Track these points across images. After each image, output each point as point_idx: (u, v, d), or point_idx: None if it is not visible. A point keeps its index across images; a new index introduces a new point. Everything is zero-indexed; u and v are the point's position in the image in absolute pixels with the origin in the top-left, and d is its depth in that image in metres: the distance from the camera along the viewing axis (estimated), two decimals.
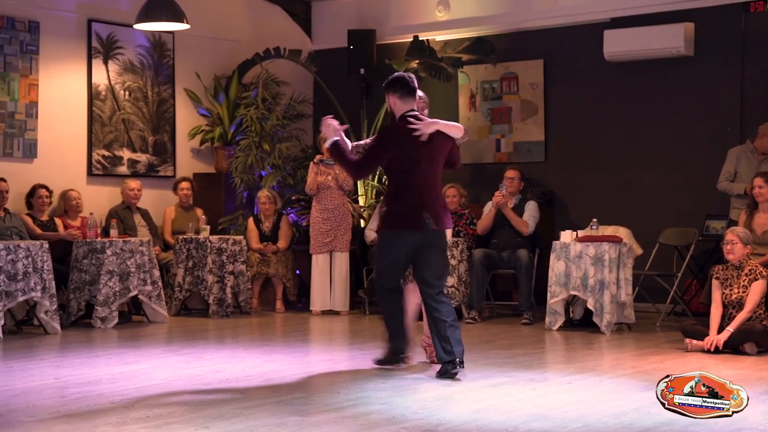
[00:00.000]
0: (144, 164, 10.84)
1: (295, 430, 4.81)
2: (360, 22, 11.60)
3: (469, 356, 7.15)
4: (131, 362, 7.06)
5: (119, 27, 10.51)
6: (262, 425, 4.89)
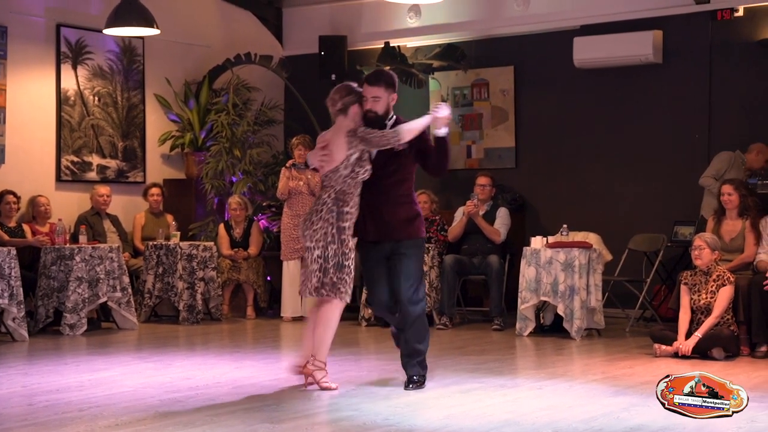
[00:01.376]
0: (113, 170, 10.78)
1: None
2: (331, 28, 11.61)
3: (441, 362, 7.19)
4: (100, 369, 7.02)
5: (88, 32, 10.46)
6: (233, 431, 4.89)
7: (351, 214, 5.99)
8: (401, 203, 6.12)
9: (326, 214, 5.94)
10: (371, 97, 6.05)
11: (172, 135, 11.30)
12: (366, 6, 11.53)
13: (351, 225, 6.00)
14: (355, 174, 5.95)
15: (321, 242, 5.94)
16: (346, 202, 5.96)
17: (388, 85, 6.10)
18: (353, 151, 5.94)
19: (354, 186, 5.98)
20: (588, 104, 10.44)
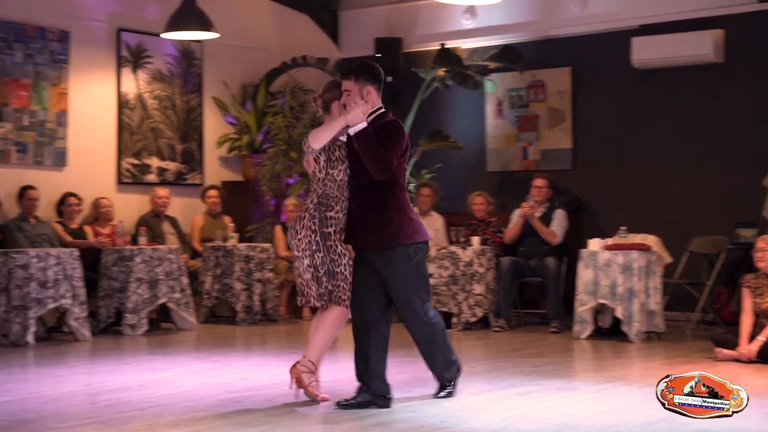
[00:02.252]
0: (172, 172, 10.89)
1: None
2: (387, 31, 11.61)
3: (498, 365, 7.16)
4: (160, 369, 7.09)
5: (148, 36, 10.58)
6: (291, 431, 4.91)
7: (336, 219, 5.58)
8: (375, 208, 5.57)
9: (308, 221, 5.55)
10: (344, 91, 5.61)
11: (229, 137, 11.39)
12: (421, 8, 11.51)
13: (339, 230, 5.59)
14: (332, 177, 5.60)
15: (307, 251, 5.54)
16: (330, 207, 5.57)
17: (359, 76, 5.58)
18: (319, 153, 5.60)
19: (337, 189, 5.59)
20: (647, 105, 10.32)
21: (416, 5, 11.55)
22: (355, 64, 5.72)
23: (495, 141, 11.25)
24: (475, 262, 9.36)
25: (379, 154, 5.42)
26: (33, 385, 6.40)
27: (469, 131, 11.28)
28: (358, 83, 5.56)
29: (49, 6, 9.88)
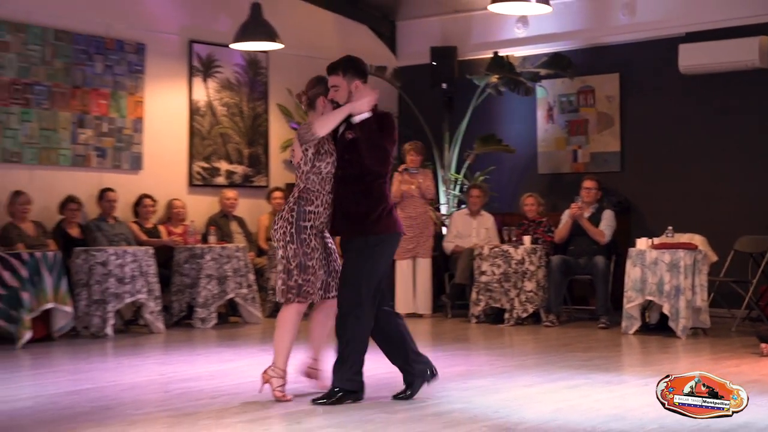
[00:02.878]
0: (240, 175, 10.98)
1: (382, 426, 4.83)
2: (442, 40, 11.60)
3: (548, 358, 7.12)
4: (229, 360, 7.16)
5: (218, 47, 10.68)
6: (352, 421, 4.92)
7: (315, 213, 5.40)
8: (361, 198, 5.40)
9: (287, 213, 5.42)
10: (331, 86, 5.44)
11: (293, 142, 11.42)
12: (475, 18, 11.48)
13: (316, 225, 5.41)
14: (318, 169, 5.41)
15: (281, 242, 5.42)
16: (310, 201, 5.40)
17: (346, 71, 5.42)
18: (306, 147, 5.42)
19: (320, 183, 5.41)
20: (693, 109, 10.19)
21: (470, 15, 11.52)
22: (341, 60, 5.53)
23: (546, 144, 11.18)
24: (526, 261, 9.32)
25: (380, 144, 5.36)
26: (112, 374, 6.50)
27: (521, 135, 11.23)
28: (347, 78, 5.41)
29: (127, 20, 10.02)
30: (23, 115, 9.28)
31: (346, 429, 4.76)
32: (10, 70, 9.18)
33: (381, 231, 5.41)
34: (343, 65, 5.45)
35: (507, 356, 7.36)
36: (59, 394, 5.73)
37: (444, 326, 9.42)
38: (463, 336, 8.73)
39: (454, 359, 7.13)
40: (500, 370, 6.58)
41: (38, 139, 9.36)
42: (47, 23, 9.41)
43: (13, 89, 9.19)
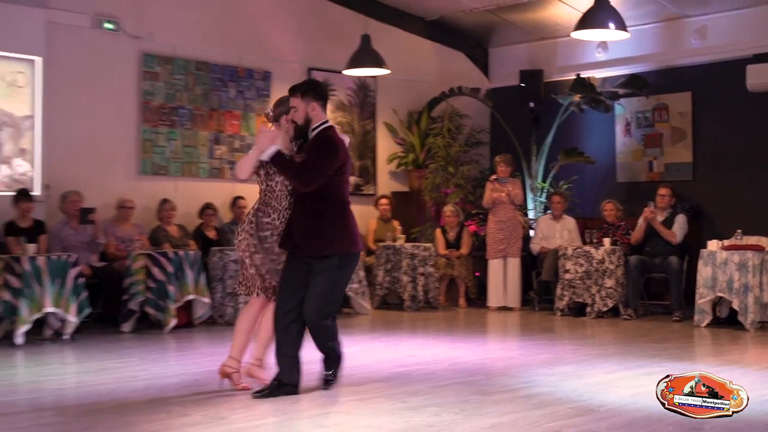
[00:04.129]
0: (351, 185, 11.09)
1: (478, 406, 4.83)
2: (530, 63, 11.53)
3: (626, 348, 7.02)
4: (343, 346, 7.22)
5: (332, 73, 10.82)
6: (450, 401, 4.94)
7: (272, 224, 5.13)
8: (312, 217, 5.03)
9: (248, 225, 5.17)
10: (291, 107, 5.11)
11: (398, 155, 11.52)
12: (560, 44, 11.38)
13: (275, 233, 5.12)
14: (270, 188, 5.17)
15: (247, 252, 5.14)
16: (267, 213, 5.15)
17: (305, 93, 5.06)
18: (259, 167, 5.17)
19: (275, 199, 5.16)
20: (760, 123, 9.90)
21: (556, 42, 11.42)
22: (302, 83, 5.22)
23: (623, 156, 11.00)
24: (606, 260, 9.19)
25: (295, 171, 4.98)
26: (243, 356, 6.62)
27: (601, 148, 11.08)
28: (305, 100, 5.06)
29: (255, 52, 10.25)
30: (169, 134, 9.58)
31: (445, 407, 4.77)
32: (159, 97, 9.50)
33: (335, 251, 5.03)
34: (302, 88, 5.11)
35: (589, 345, 7.28)
36: (200, 372, 5.89)
37: (532, 318, 9.35)
38: (549, 327, 8.66)
39: (541, 348, 7.08)
40: (583, 358, 6.51)
41: (181, 154, 9.65)
42: (190, 56, 9.70)
43: (161, 113, 9.51)
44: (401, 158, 11.49)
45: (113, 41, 9.24)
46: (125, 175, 9.32)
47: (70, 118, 8.93)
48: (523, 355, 6.81)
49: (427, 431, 4.24)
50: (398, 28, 11.39)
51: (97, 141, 9.12)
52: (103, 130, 9.18)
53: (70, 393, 5.35)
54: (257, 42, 10.30)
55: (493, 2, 10.70)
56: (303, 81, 5.32)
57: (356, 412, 4.70)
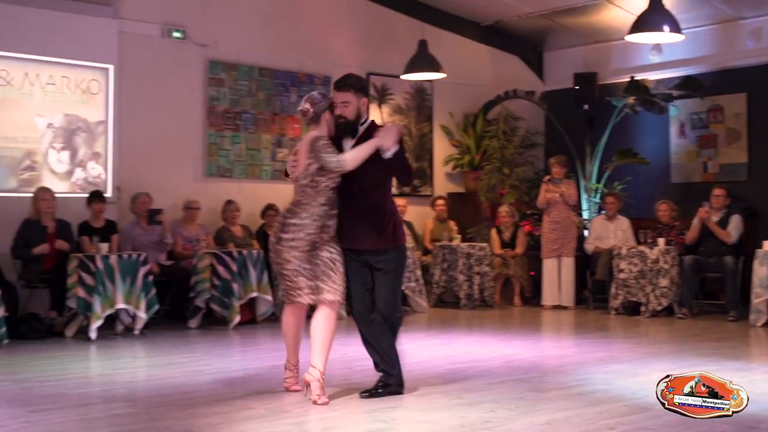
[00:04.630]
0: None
1: (533, 403, 4.79)
2: (584, 66, 11.39)
3: (681, 347, 6.90)
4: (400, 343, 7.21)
5: (390, 78, 10.84)
6: (505, 398, 4.90)
7: (297, 225, 4.81)
8: (373, 211, 4.90)
9: (277, 223, 4.97)
10: (341, 102, 4.86)
11: (454, 157, 11.48)
12: (614, 46, 11.22)
13: (296, 237, 4.79)
14: (315, 183, 4.81)
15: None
16: (296, 214, 4.83)
17: (357, 89, 4.89)
18: (312, 161, 4.81)
19: (313, 196, 4.81)
20: None
21: (610, 45, 11.26)
22: (351, 79, 4.95)
23: (678, 157, 10.81)
24: (660, 260, 9.03)
25: (408, 166, 5.06)
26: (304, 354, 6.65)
27: (655, 149, 10.90)
28: (357, 96, 4.88)
29: (316, 58, 10.30)
30: (234, 138, 9.69)
31: (500, 404, 4.74)
32: (224, 102, 9.62)
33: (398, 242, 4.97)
34: (353, 83, 4.90)
35: (643, 344, 7.17)
36: (264, 367, 5.94)
37: (586, 317, 9.24)
38: (604, 326, 8.55)
39: (596, 346, 6.99)
40: (637, 356, 6.41)
41: (245, 157, 9.75)
42: (253, 63, 9.80)
43: (226, 117, 9.63)
44: (457, 160, 11.45)
45: (181, 49, 9.38)
46: (192, 178, 9.45)
47: (140, 123, 9.09)
48: (577, 353, 6.73)
49: (483, 427, 4.21)
50: (454, 33, 11.35)
51: (165, 145, 9.27)
52: (171, 134, 9.32)
53: (141, 386, 5.45)
54: (317, 48, 10.36)
55: (548, 7, 10.61)
56: (349, 75, 5.01)
57: (414, 408, 4.69)
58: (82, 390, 5.23)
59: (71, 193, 8.61)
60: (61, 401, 4.85)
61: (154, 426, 4.27)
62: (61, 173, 8.66)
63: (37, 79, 8.50)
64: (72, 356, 6.57)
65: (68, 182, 8.69)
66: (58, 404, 4.78)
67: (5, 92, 8.33)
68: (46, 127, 8.57)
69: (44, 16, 8.45)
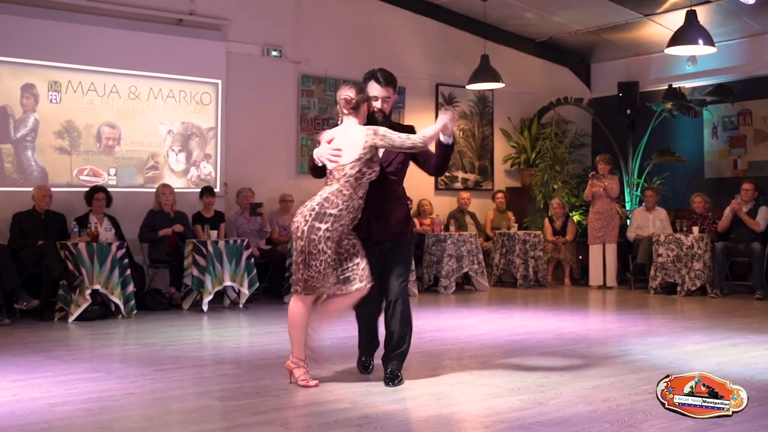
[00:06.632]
0: (472, 181, 11.04)
1: (581, 370, 4.72)
2: (627, 76, 11.14)
3: (713, 322, 6.71)
4: (464, 317, 7.22)
5: (456, 88, 10.78)
6: (557, 365, 4.85)
7: (336, 216, 4.07)
8: (402, 204, 4.36)
9: (308, 211, 4.09)
10: (383, 97, 4.31)
11: (511, 156, 11.37)
12: (654, 58, 10.93)
13: (332, 228, 4.06)
14: (361, 174, 4.11)
15: (295, 235, 4.13)
16: (335, 204, 4.08)
17: (395, 86, 4.39)
18: (366, 152, 4.12)
19: (356, 188, 4.11)
20: None
21: (650, 57, 10.98)
22: (392, 75, 4.40)
23: (711, 155, 10.49)
24: (695, 246, 8.79)
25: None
26: None
27: (691, 148, 10.60)
28: (395, 92, 4.40)
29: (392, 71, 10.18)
30: None
31: (553, 370, 4.68)
32: (313, 110, 9.71)
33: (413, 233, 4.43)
34: (394, 80, 4.38)
35: (679, 320, 6.99)
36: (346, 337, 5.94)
37: (628, 296, 9.06)
38: (644, 303, 8.37)
39: (637, 321, 6.85)
40: (674, 330, 6.26)
41: None
42: (339, 76, 9.86)
43: (315, 123, 9.71)
44: (515, 159, 11.34)
45: (278, 66, 9.50)
46: (287, 175, 9.57)
47: (243, 129, 9.24)
48: (620, 327, 6.60)
49: (538, 390, 4.18)
50: (512, 48, 11.22)
51: (264, 147, 9.41)
52: (270, 138, 9.46)
53: (244, 351, 5.56)
54: (393, 62, 10.30)
55: (595, 24, 10.40)
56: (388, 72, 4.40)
57: (477, 372, 4.67)
58: (196, 353, 5.36)
59: (187, 189, 8.83)
60: (179, 362, 4.99)
61: (256, 384, 4.35)
62: (178, 171, 8.88)
63: (159, 93, 8.73)
64: (188, 325, 6.74)
65: (184, 179, 8.90)
66: (177, 365, 4.91)
67: (134, 105, 8.57)
68: (166, 133, 8.80)
69: (165, 40, 8.66)
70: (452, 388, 4.26)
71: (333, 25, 9.90)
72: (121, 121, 8.47)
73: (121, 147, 8.48)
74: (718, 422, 3.44)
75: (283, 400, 3.97)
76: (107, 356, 5.24)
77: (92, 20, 8.24)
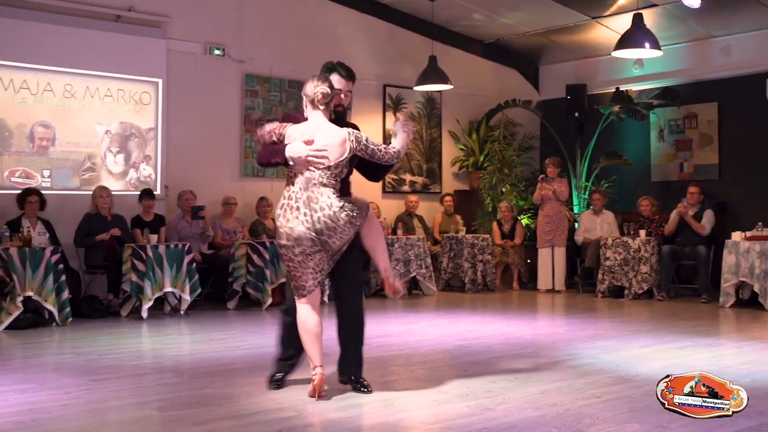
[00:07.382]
0: (420, 184, 11.10)
1: (529, 375, 4.78)
2: (575, 79, 11.35)
3: (659, 325, 6.86)
4: (412, 322, 7.24)
5: (403, 89, 10.83)
6: (505, 370, 4.90)
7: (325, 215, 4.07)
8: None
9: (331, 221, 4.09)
10: (346, 91, 4.30)
11: (460, 159, 11.47)
12: (601, 61, 11.16)
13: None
14: (342, 173, 4.14)
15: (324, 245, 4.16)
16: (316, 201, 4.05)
17: (354, 80, 4.35)
18: (349, 155, 4.09)
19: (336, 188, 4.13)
20: None
21: (598, 59, 11.21)
22: (351, 69, 4.36)
23: (657, 158, 10.75)
24: (642, 249, 9.00)
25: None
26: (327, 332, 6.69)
27: (637, 152, 10.85)
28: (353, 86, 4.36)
29: None
30: None
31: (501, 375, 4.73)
32: (258, 110, 9.65)
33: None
34: (354, 75, 4.34)
35: (626, 323, 7.14)
36: None
37: (576, 299, 9.22)
38: (591, 307, 8.52)
39: (585, 325, 6.97)
40: (621, 334, 6.40)
41: None
42: (283, 76, 9.81)
43: (259, 124, 9.64)
44: (463, 161, 11.44)
45: (221, 65, 9.41)
46: (230, 177, 9.48)
47: (185, 129, 9.13)
48: (568, 331, 6.71)
49: (486, 396, 4.22)
50: (461, 49, 11.33)
51: (207, 148, 9.30)
52: (212, 139, 9.36)
53: (186, 359, 5.49)
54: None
55: (543, 26, 10.57)
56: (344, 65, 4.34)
57: (425, 379, 4.70)
58: (135, 362, 5.27)
59: (126, 191, 8.68)
60: (117, 372, 4.90)
61: (197, 394, 4.31)
62: (116, 173, 8.72)
63: (96, 92, 8.56)
64: (126, 333, 6.62)
65: (123, 181, 8.75)
66: (115, 374, 4.82)
67: (70, 103, 8.39)
68: (104, 134, 8.63)
69: (102, 37, 8.50)
70: (400, 395, 4.27)
71: (278, 23, 9.85)
72: (55, 121, 8.28)
73: (56, 148, 8.29)
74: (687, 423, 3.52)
75: (225, 410, 3.94)
76: (40, 366, 5.12)
77: (24, 14, 8.05)
